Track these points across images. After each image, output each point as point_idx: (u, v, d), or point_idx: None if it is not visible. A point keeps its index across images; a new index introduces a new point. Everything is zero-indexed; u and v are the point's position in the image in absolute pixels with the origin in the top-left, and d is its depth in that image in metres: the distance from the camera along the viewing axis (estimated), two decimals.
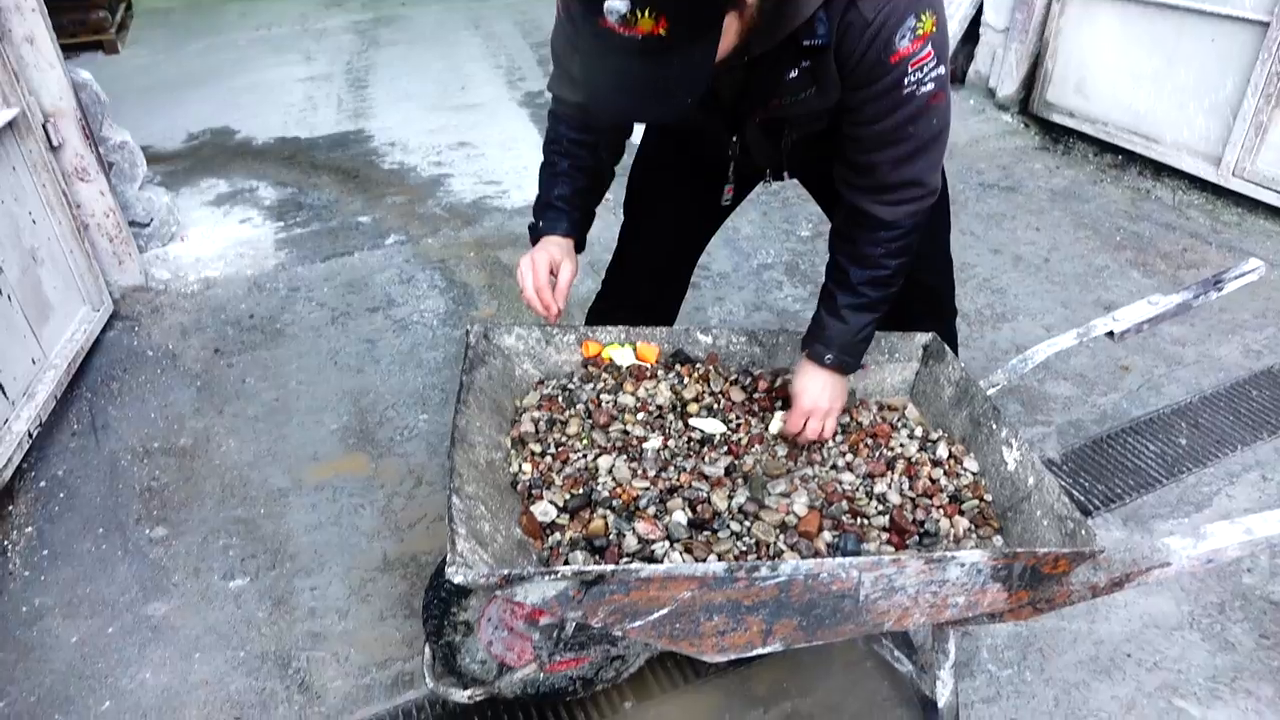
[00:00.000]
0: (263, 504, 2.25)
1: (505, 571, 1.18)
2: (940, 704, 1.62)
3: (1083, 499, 2.23)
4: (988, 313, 2.95)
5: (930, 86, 1.33)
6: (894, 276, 1.53)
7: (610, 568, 1.21)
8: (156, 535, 2.16)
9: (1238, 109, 3.44)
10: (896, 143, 1.38)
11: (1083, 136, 4.09)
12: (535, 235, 1.64)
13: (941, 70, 1.35)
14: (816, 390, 1.57)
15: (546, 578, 1.20)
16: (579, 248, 1.67)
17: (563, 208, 1.63)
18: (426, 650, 1.68)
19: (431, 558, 2.09)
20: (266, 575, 2.06)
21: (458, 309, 3.01)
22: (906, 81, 1.31)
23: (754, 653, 1.44)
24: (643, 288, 2.00)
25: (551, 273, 1.60)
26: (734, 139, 1.59)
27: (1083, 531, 1.39)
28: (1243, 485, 2.25)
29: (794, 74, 1.35)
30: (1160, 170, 3.79)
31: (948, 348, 1.82)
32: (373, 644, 1.90)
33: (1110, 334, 1.88)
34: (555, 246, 1.61)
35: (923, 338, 1.87)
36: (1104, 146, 4.01)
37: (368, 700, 1.79)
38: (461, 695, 1.61)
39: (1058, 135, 4.20)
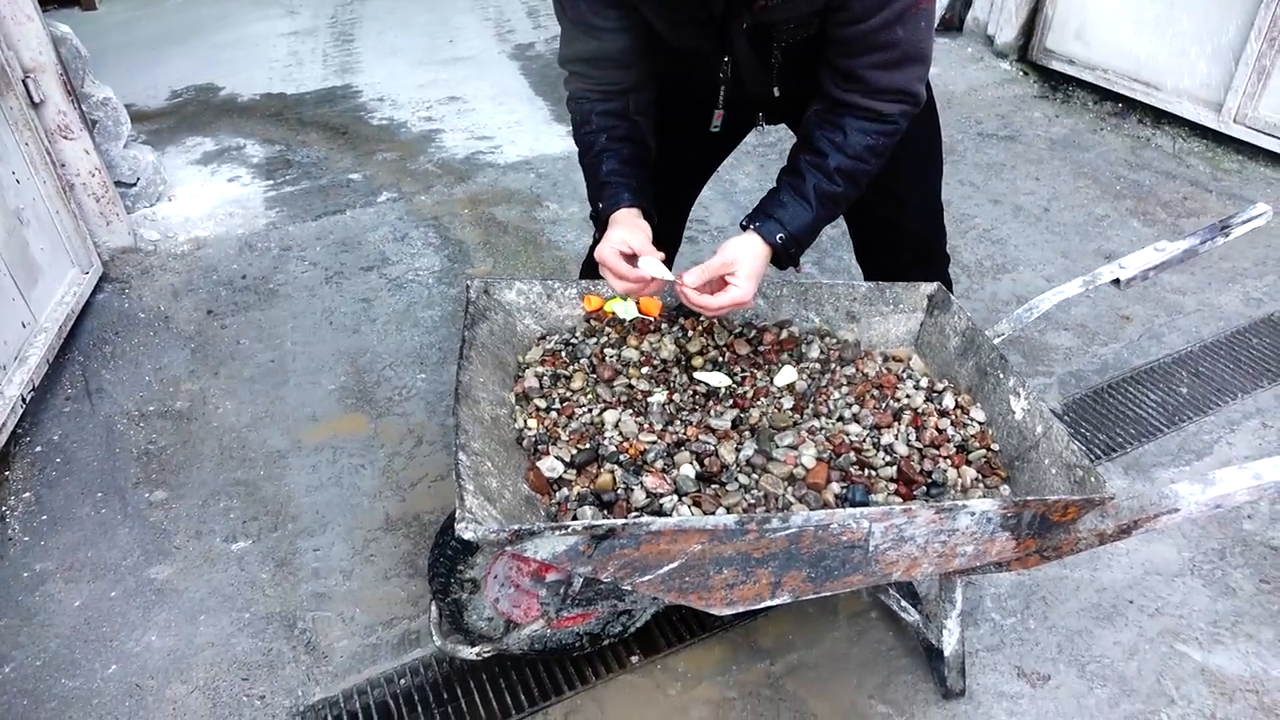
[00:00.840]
0: (262, 465, 2.24)
1: (515, 527, 1.17)
2: (946, 652, 1.63)
3: (1083, 448, 2.24)
4: (988, 264, 2.93)
5: None
6: (868, 175, 1.46)
7: (620, 521, 1.20)
8: (156, 499, 2.14)
9: (1240, 54, 3.39)
10: (882, 47, 1.35)
11: (1082, 84, 4.04)
12: (599, 218, 1.56)
13: None
14: (756, 267, 1.45)
15: (556, 533, 1.19)
16: (650, 217, 1.57)
17: (617, 181, 1.55)
18: (433, 608, 1.68)
19: (434, 517, 2.08)
20: (269, 537, 2.05)
21: (453, 266, 2.97)
22: None
23: (762, 605, 1.44)
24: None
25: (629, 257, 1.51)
26: (725, 60, 1.55)
27: (1092, 479, 1.39)
28: (1243, 433, 2.25)
29: None
30: (1161, 117, 3.75)
31: (953, 297, 1.80)
32: (378, 603, 1.90)
33: (1116, 281, 1.86)
34: (618, 227, 1.50)
35: (927, 288, 1.85)
36: (1104, 94, 3.96)
37: (374, 659, 1.79)
38: (469, 652, 1.61)
39: (1057, 83, 4.14)
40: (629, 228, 1.52)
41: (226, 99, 4.38)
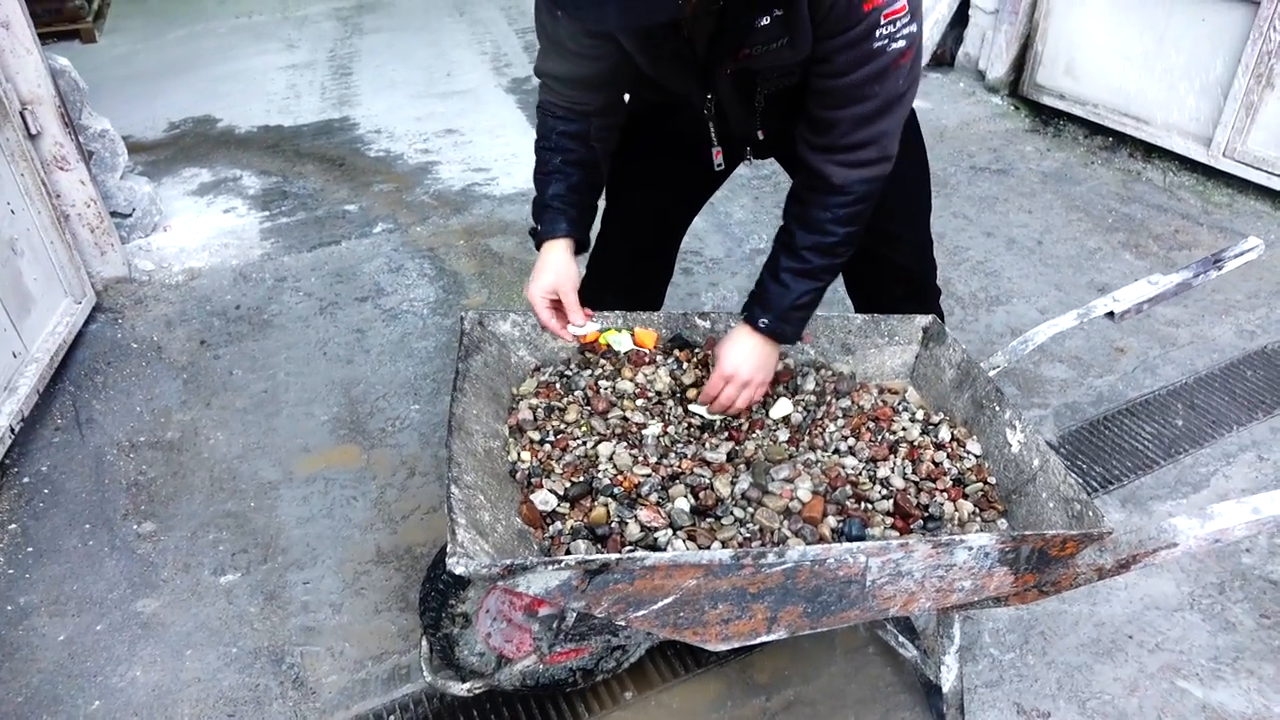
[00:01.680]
0: (253, 497, 2.21)
1: (507, 562, 1.16)
2: (945, 689, 1.60)
3: (1081, 481, 2.22)
4: (982, 296, 2.94)
5: (901, 44, 1.31)
6: (840, 245, 1.48)
7: (614, 556, 1.18)
8: (145, 530, 2.12)
9: (1228, 89, 3.43)
10: (860, 100, 1.35)
11: (1073, 118, 4.08)
12: (537, 239, 1.61)
13: (914, 28, 1.33)
14: (741, 355, 1.52)
15: (549, 567, 1.17)
16: (581, 247, 1.62)
17: (559, 207, 1.59)
18: (424, 643, 1.65)
19: (426, 549, 2.06)
20: (258, 570, 2.02)
21: (448, 298, 2.97)
22: (878, 34, 1.29)
23: (758, 640, 1.42)
24: (627, 270, 1.96)
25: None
26: (709, 98, 1.56)
27: (1090, 513, 1.38)
28: (1239, 465, 2.25)
29: (765, 21, 1.33)
30: (1151, 151, 3.79)
31: (948, 330, 1.80)
32: (368, 638, 1.87)
33: (1111, 314, 1.87)
34: (547, 271, 1.57)
35: (922, 320, 1.85)
36: (1094, 128, 4.00)
37: (364, 695, 1.76)
38: (460, 688, 1.58)
39: (1048, 117, 4.19)
40: (559, 271, 1.56)
41: (224, 131, 4.40)
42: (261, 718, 1.72)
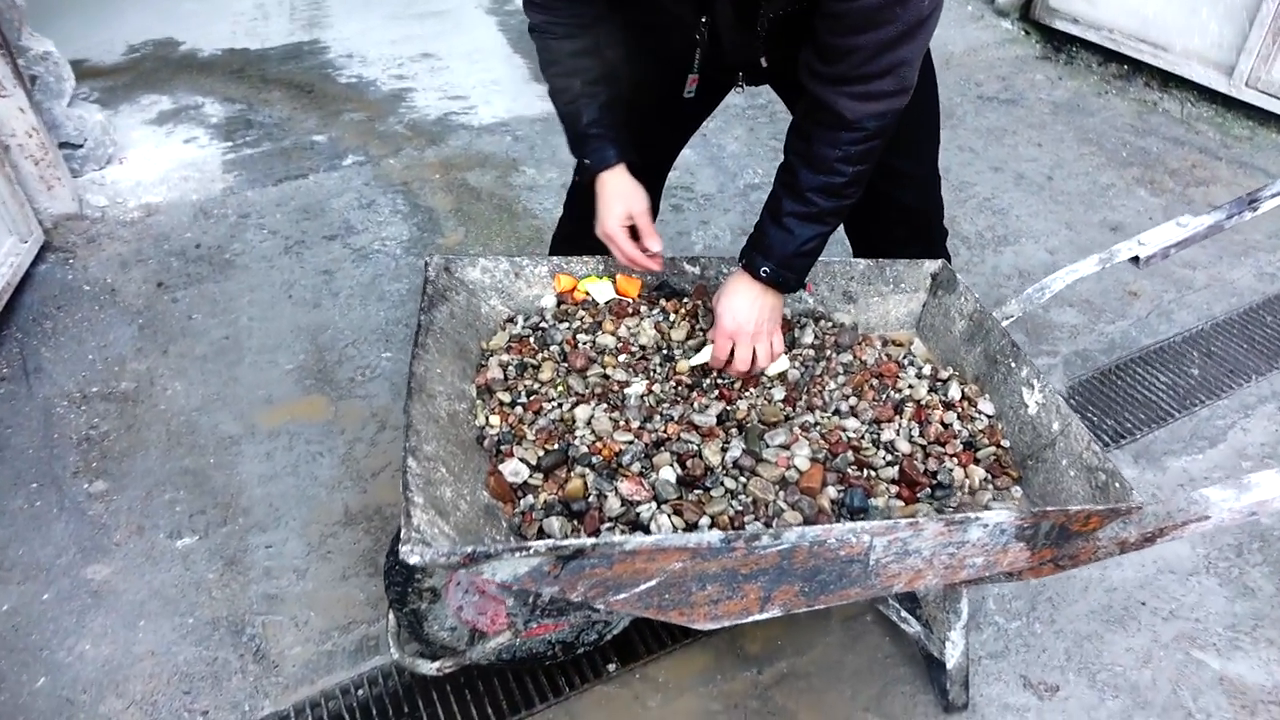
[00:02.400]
0: (212, 453, 2.07)
1: (469, 549, 1.02)
2: (949, 665, 1.50)
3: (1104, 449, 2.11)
4: (988, 235, 2.77)
5: None
6: (849, 186, 1.34)
7: (590, 541, 1.05)
8: (96, 490, 1.98)
9: (1255, 13, 3.21)
10: (880, 24, 1.19)
11: (1086, 45, 3.85)
12: (586, 174, 1.48)
13: None
14: (744, 307, 1.40)
15: (517, 554, 1.04)
16: (635, 168, 1.50)
17: (599, 133, 1.46)
18: (390, 617, 1.53)
19: (397, 510, 1.92)
20: (217, 532, 1.89)
21: (422, 236, 2.79)
22: None
23: (749, 619, 1.30)
24: None
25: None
26: (702, 21, 1.39)
27: (1116, 484, 1.25)
28: (1258, 418, 2.13)
29: None
30: (1168, 80, 3.58)
31: (959, 277, 1.65)
32: (334, 606, 1.75)
33: (1135, 259, 1.72)
34: (617, 199, 1.46)
35: (931, 266, 1.70)
36: (1109, 55, 3.78)
37: (329, 668, 1.65)
38: (429, 667, 1.47)
39: (1060, 43, 3.95)
40: (626, 196, 1.47)
41: (186, 54, 4.13)
42: (219, 694, 1.61)
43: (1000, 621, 1.70)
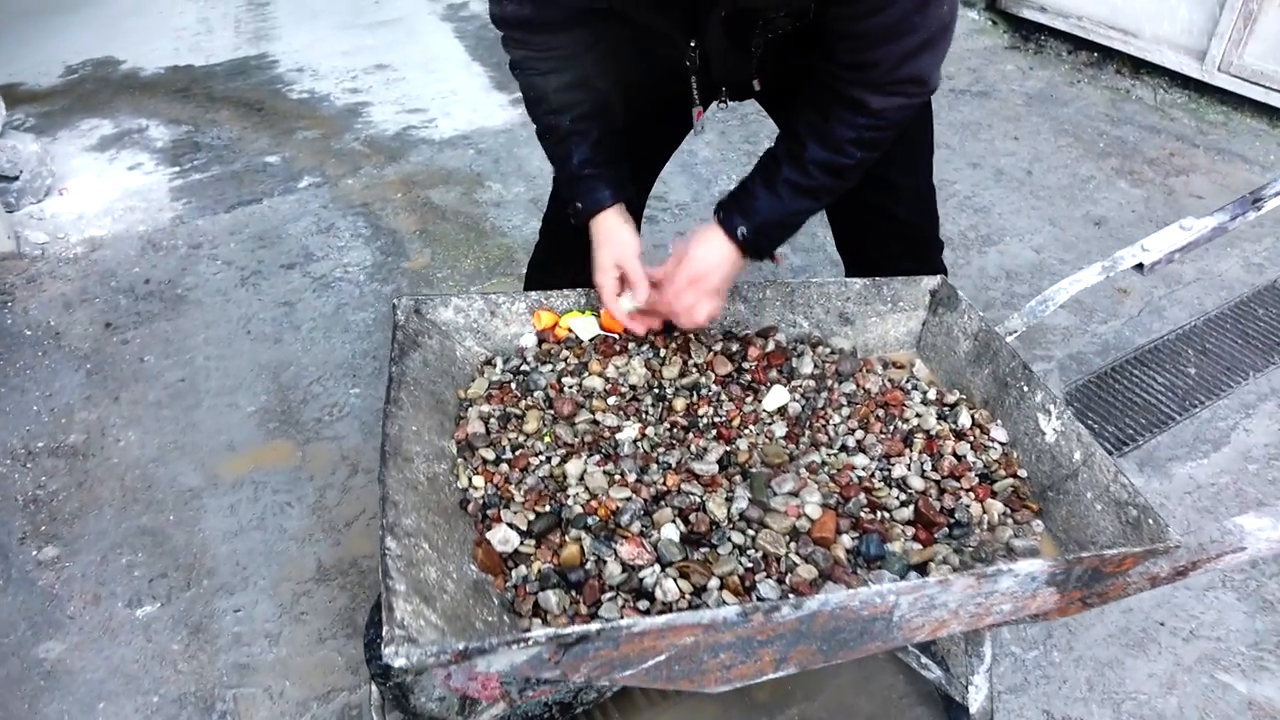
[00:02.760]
0: (171, 509, 1.94)
1: (460, 645, 0.91)
2: (973, 710, 1.42)
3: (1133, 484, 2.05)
4: (972, 235, 2.71)
5: None
6: (852, 171, 1.29)
7: (595, 627, 0.95)
8: (46, 556, 1.84)
9: None
10: (901, 35, 1.13)
11: (1055, 33, 3.81)
12: (579, 218, 1.39)
13: None
14: (714, 260, 1.33)
15: (513, 646, 0.94)
16: (636, 208, 1.44)
17: (592, 174, 1.37)
18: (373, 689, 1.42)
19: (374, 562, 1.81)
20: (180, 597, 1.76)
21: (386, 260, 2.66)
22: None
23: (763, 679, 1.21)
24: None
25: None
26: (692, 46, 1.30)
27: (1150, 521, 1.17)
28: (1260, 417, 2.08)
29: None
30: (1140, 67, 3.54)
31: (961, 294, 1.56)
32: (311, 672, 1.63)
33: (1140, 266, 1.65)
34: (608, 246, 1.38)
35: (930, 283, 1.61)
36: (1078, 43, 3.73)
37: None
38: None
39: (1028, 32, 3.91)
40: (616, 242, 1.38)
41: (127, 74, 3.95)
42: None
43: (1017, 652, 1.63)
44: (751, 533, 1.21)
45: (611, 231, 1.37)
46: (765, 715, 1.55)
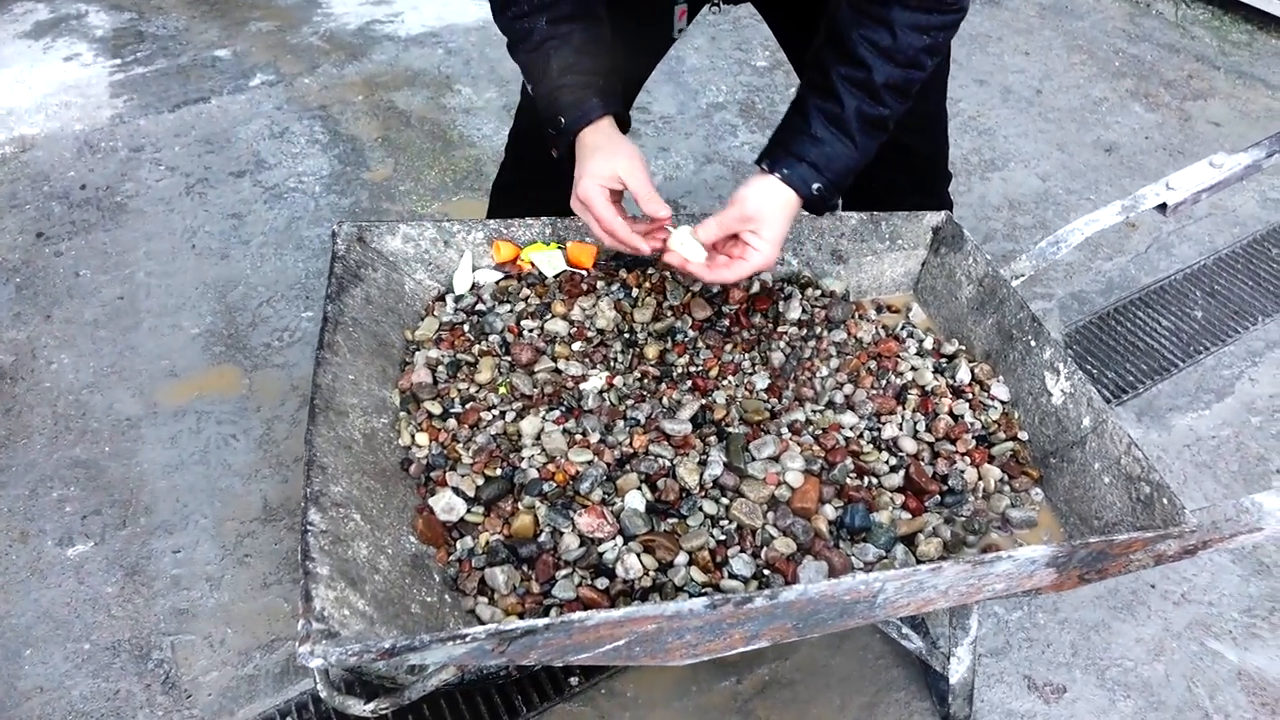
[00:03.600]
0: (107, 439, 1.80)
1: (386, 644, 0.80)
2: (954, 680, 1.34)
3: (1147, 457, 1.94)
4: (975, 159, 2.53)
5: None
6: (919, 86, 1.13)
7: (543, 622, 0.84)
8: None
9: None
10: None
11: None
12: (563, 137, 1.15)
13: None
14: (783, 227, 1.13)
15: (450, 642, 0.82)
16: (625, 124, 1.19)
17: (574, 81, 1.14)
18: None
19: None
20: (115, 536, 1.65)
21: (345, 170, 2.46)
22: None
23: (732, 653, 1.12)
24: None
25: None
26: None
27: (1164, 501, 1.07)
28: (1267, 365, 1.97)
29: None
30: None
31: (967, 234, 1.42)
32: (254, 620, 1.53)
33: (1163, 207, 1.51)
34: (597, 154, 1.12)
35: (932, 219, 1.47)
36: None
37: (251, 695, 1.45)
38: (363, 708, 1.26)
39: None
40: (612, 153, 1.12)
41: None
42: None
43: (1000, 612, 1.55)
44: (725, 502, 1.09)
45: (608, 139, 1.14)
46: (734, 674, 1.48)
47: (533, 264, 1.33)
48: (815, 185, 1.11)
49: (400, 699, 1.28)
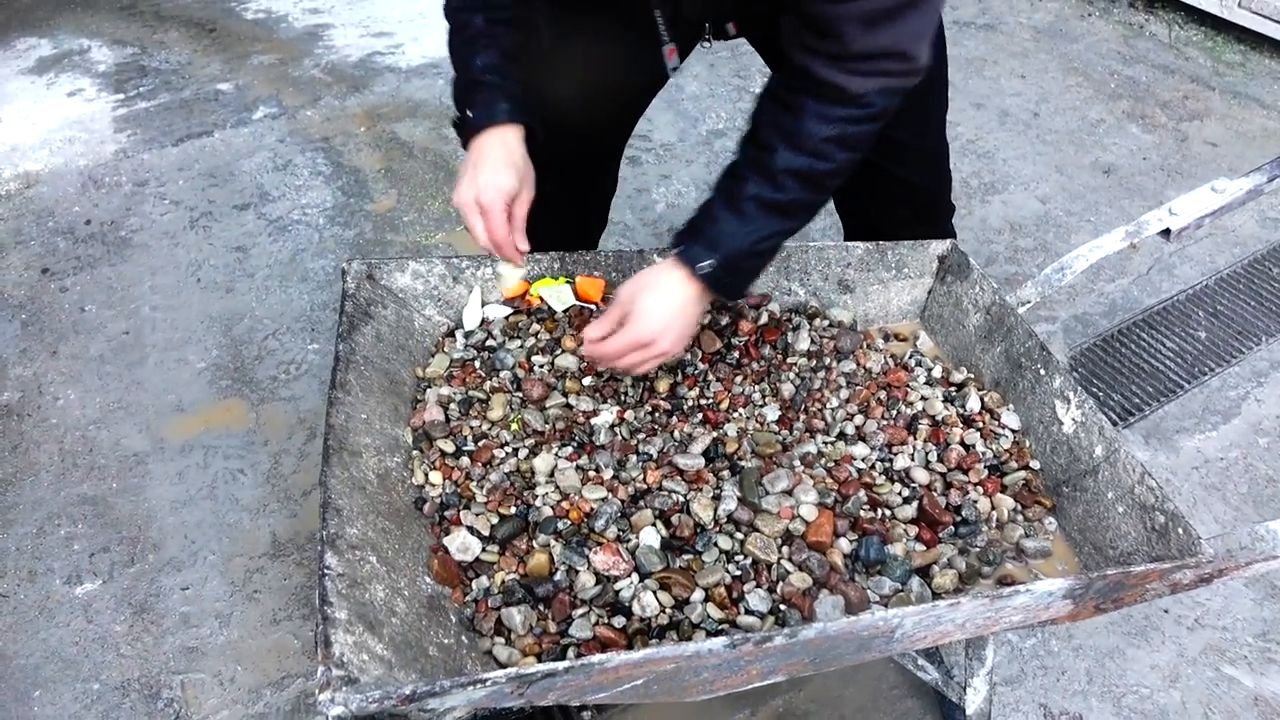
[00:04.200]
0: (115, 476, 1.80)
1: (407, 690, 0.80)
2: (970, 711, 1.33)
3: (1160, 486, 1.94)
4: (974, 182, 2.55)
5: None
6: (833, 176, 1.07)
7: (562, 666, 0.83)
8: None
9: None
10: None
11: None
12: (467, 132, 1.16)
13: None
14: (667, 311, 1.08)
15: (470, 687, 0.82)
16: (533, 136, 1.18)
17: (494, 81, 1.14)
18: None
19: None
20: (123, 574, 1.64)
21: (348, 202, 2.48)
22: None
23: (747, 687, 1.11)
24: (560, 186, 1.52)
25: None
26: None
27: (1179, 530, 1.07)
28: (1272, 385, 1.98)
29: None
30: (1154, 0, 3.34)
31: (973, 262, 1.43)
32: (264, 657, 1.53)
33: (1166, 232, 1.51)
34: (498, 159, 1.14)
35: (938, 247, 1.47)
36: None
37: None
38: None
39: None
40: (504, 166, 1.13)
41: None
42: None
43: (1013, 639, 1.54)
44: (740, 536, 1.09)
45: (521, 157, 1.15)
46: (748, 706, 1.47)
47: (541, 299, 1.33)
48: (702, 263, 1.06)
49: None
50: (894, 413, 1.29)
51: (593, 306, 1.33)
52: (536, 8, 1.23)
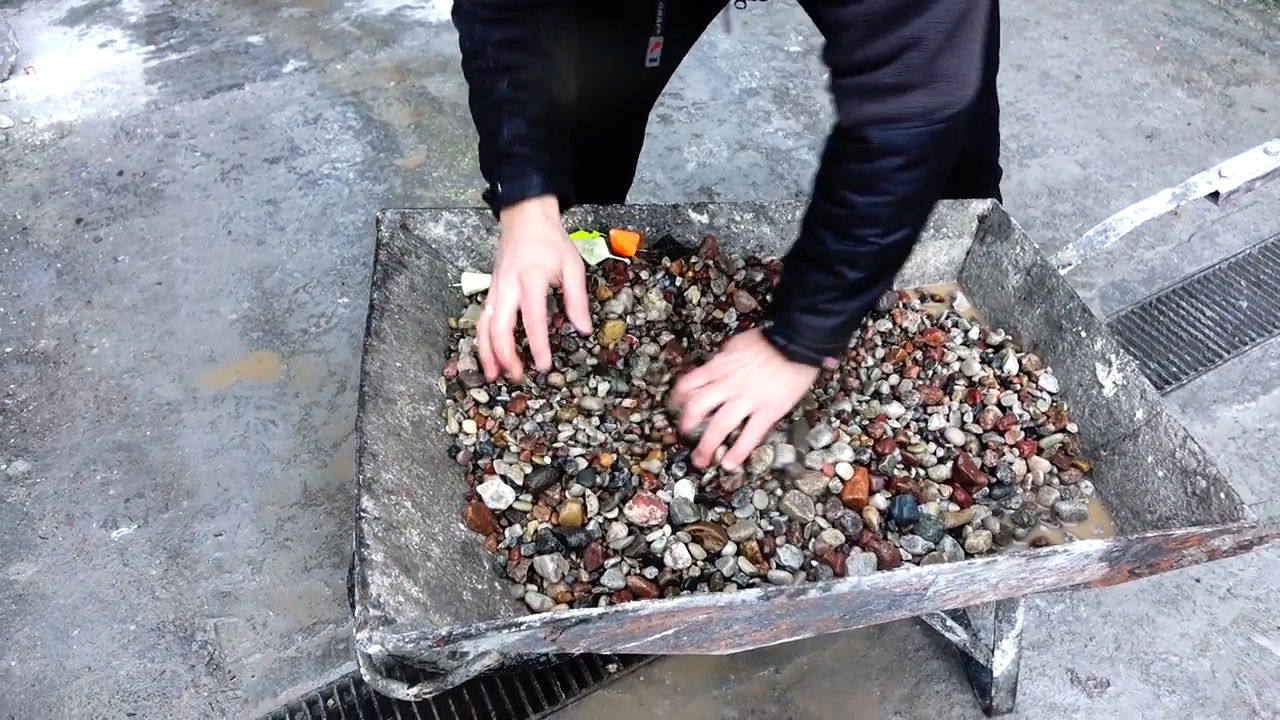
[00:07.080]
0: (149, 423, 1.82)
1: (443, 631, 0.80)
2: (997, 673, 1.33)
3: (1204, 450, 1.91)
4: (1013, 145, 2.49)
5: None
6: (903, 245, 1.02)
7: (597, 612, 0.84)
8: (16, 471, 1.74)
9: None
10: (893, 23, 0.85)
11: None
12: (499, 205, 1.12)
13: None
14: (755, 377, 1.07)
15: (504, 631, 0.83)
16: (565, 204, 1.14)
17: (524, 152, 1.09)
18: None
19: None
20: (158, 519, 1.67)
21: (378, 156, 2.47)
22: None
23: (777, 642, 1.11)
24: (587, 142, 1.49)
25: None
26: None
27: (1221, 495, 1.05)
28: None
29: None
30: None
31: (1014, 222, 1.40)
32: (296, 603, 1.55)
33: (1215, 195, 1.47)
34: (551, 247, 1.09)
35: (978, 206, 1.45)
36: None
37: (294, 678, 1.46)
38: (406, 692, 1.27)
39: None
40: (563, 251, 1.09)
41: None
42: (169, 713, 1.42)
43: (1041, 604, 1.54)
44: (778, 494, 1.08)
45: (557, 230, 1.10)
46: (773, 663, 1.47)
47: None
48: (791, 347, 1.05)
49: (442, 684, 1.29)
50: (930, 373, 1.27)
51: (626, 260, 1.32)
52: (555, 59, 1.14)
